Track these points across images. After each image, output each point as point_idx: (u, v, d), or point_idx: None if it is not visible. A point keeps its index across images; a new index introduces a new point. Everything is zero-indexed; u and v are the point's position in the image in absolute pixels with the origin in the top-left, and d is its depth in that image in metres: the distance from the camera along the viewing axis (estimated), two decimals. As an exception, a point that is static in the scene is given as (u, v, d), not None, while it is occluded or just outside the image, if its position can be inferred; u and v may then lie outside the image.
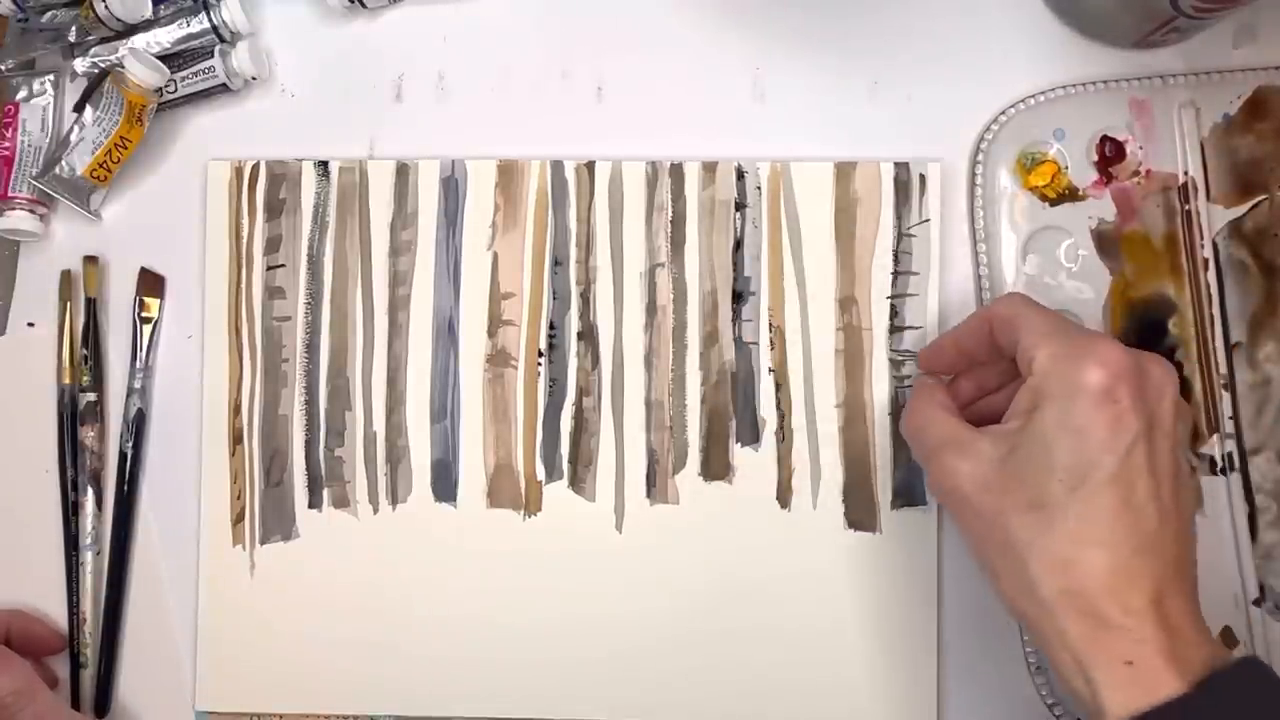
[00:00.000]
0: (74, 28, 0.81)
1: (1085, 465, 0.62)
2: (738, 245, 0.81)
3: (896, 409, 0.79)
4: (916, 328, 0.80)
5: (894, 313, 0.80)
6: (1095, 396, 0.62)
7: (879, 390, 0.80)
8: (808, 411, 0.80)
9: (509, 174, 0.82)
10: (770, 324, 0.80)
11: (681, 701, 0.79)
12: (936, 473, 0.68)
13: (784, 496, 0.79)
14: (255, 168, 0.83)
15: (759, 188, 0.81)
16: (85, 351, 0.82)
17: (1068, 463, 0.62)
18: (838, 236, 0.80)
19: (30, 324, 0.83)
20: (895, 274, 0.80)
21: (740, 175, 0.81)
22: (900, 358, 0.79)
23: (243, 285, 0.82)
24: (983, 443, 0.66)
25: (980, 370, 0.74)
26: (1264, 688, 0.61)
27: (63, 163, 0.79)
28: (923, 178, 0.80)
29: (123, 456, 0.81)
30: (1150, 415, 0.63)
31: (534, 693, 0.80)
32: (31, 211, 0.81)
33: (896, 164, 0.80)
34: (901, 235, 0.80)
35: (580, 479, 0.80)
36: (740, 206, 0.81)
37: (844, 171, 0.80)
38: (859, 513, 0.79)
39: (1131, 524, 0.62)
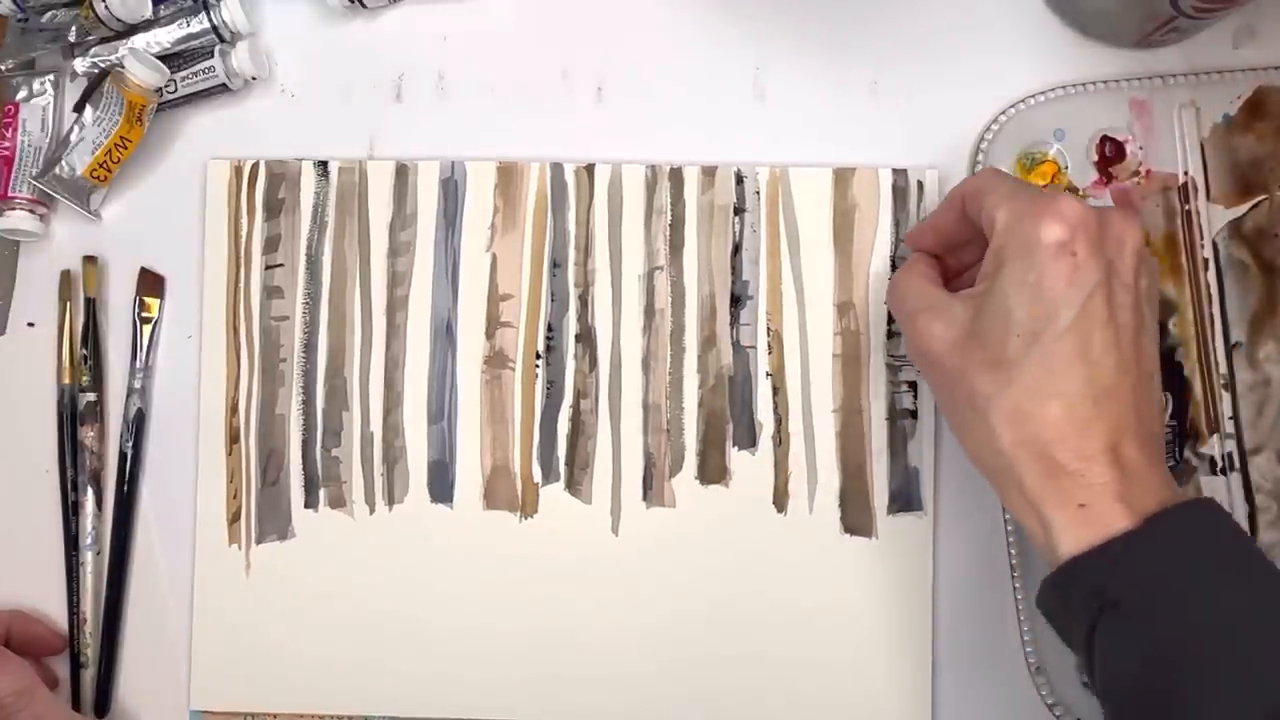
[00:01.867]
0: (74, 28, 0.81)
1: (1042, 319, 0.63)
2: (736, 249, 0.81)
3: (894, 414, 0.80)
4: (914, 333, 0.79)
5: (891, 318, 0.80)
6: (1051, 250, 0.63)
7: (876, 395, 0.80)
8: (805, 416, 0.80)
9: (508, 176, 0.82)
10: (768, 328, 0.80)
11: (676, 704, 0.79)
12: (912, 334, 0.70)
13: (780, 501, 0.80)
14: (255, 167, 0.83)
15: (758, 193, 0.81)
16: (85, 351, 0.82)
17: (1026, 317, 0.63)
18: (836, 242, 0.80)
19: (30, 324, 0.83)
20: (893, 279, 0.80)
21: (739, 180, 0.81)
22: (898, 363, 0.80)
23: (241, 284, 0.82)
24: (956, 306, 0.67)
25: (963, 249, 0.74)
26: (1211, 523, 0.63)
27: (63, 163, 0.79)
28: (920, 184, 0.80)
29: (123, 456, 0.82)
30: (1109, 266, 0.64)
31: (528, 694, 0.80)
32: (31, 211, 0.82)
33: (895, 170, 0.80)
34: (899, 241, 0.80)
35: (577, 481, 0.80)
36: (739, 211, 0.81)
37: (842, 177, 0.80)
38: (855, 518, 0.79)
39: (1087, 375, 0.63)
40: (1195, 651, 0.59)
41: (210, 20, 0.82)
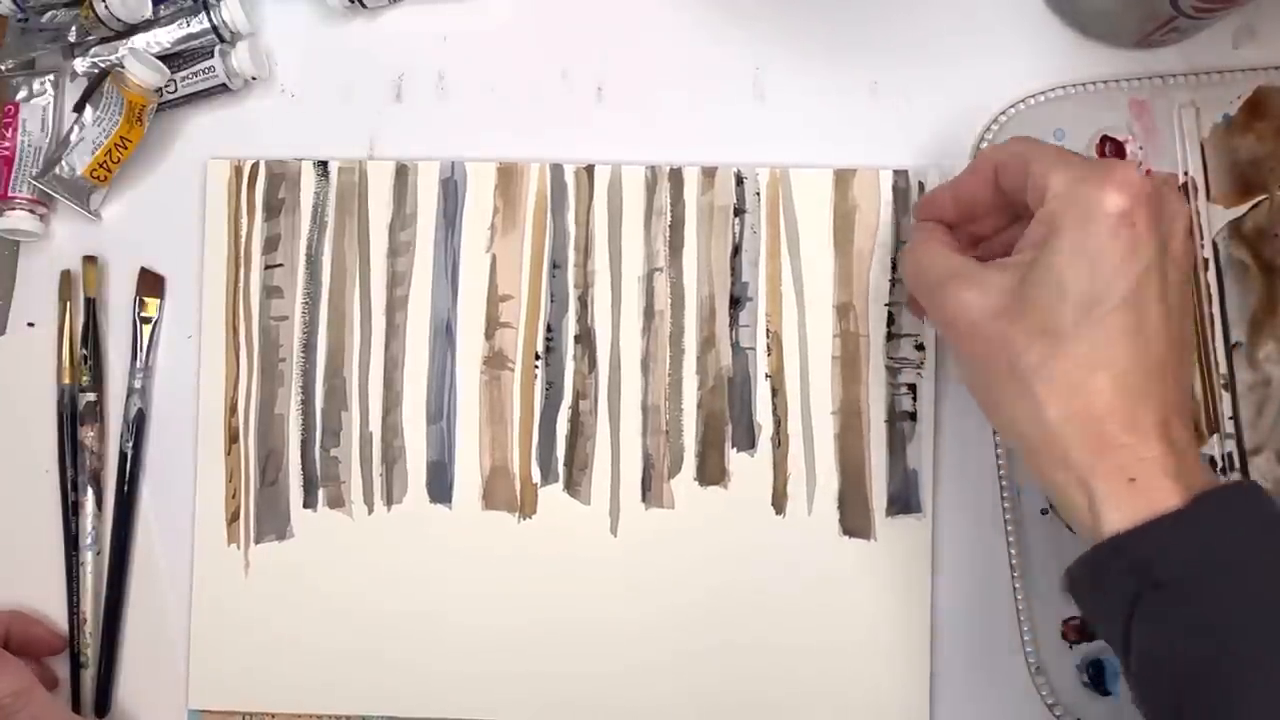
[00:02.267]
0: (74, 28, 0.81)
1: (1099, 291, 0.61)
2: (736, 251, 0.81)
3: (893, 416, 0.80)
4: (914, 335, 0.80)
5: (891, 320, 0.80)
6: (1112, 220, 0.61)
7: (875, 397, 0.80)
8: (804, 417, 0.80)
9: (508, 176, 0.82)
10: (767, 330, 0.80)
11: (674, 705, 0.79)
12: (942, 303, 0.67)
13: (779, 502, 0.79)
14: (255, 167, 0.83)
15: (758, 193, 0.81)
16: (85, 351, 0.82)
17: (1081, 288, 0.62)
18: (836, 243, 0.80)
19: (30, 324, 0.83)
20: (893, 280, 0.80)
21: (739, 181, 0.81)
22: (897, 365, 0.79)
23: (241, 284, 0.82)
24: (991, 274, 0.65)
25: (982, 219, 0.73)
26: (1256, 505, 0.62)
27: (63, 163, 0.79)
28: (921, 185, 0.80)
29: (123, 456, 0.82)
30: (1164, 242, 0.63)
31: (527, 694, 0.80)
32: (31, 211, 0.82)
33: (895, 172, 0.80)
34: (900, 242, 0.80)
35: (576, 482, 0.80)
36: (739, 212, 0.81)
37: (843, 178, 0.80)
38: (854, 519, 0.79)
39: (1142, 349, 0.62)
40: (1244, 633, 0.58)
41: (210, 20, 0.82)
